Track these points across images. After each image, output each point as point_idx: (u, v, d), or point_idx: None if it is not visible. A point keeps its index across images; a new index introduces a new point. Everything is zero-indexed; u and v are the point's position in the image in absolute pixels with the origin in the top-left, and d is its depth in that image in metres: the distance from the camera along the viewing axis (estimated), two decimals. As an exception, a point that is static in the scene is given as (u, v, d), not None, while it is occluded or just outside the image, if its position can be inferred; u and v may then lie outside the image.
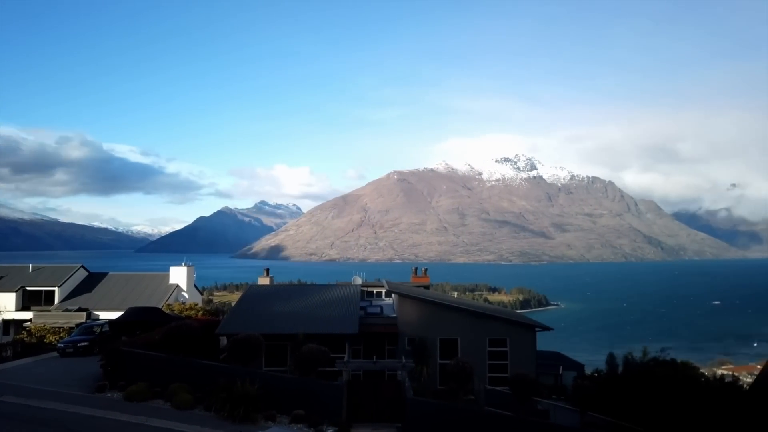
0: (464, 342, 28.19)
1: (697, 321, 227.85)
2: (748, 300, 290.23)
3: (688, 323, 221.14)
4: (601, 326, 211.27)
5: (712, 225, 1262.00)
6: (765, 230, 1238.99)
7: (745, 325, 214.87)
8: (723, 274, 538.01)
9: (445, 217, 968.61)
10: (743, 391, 33.46)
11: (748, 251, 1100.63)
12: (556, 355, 51.93)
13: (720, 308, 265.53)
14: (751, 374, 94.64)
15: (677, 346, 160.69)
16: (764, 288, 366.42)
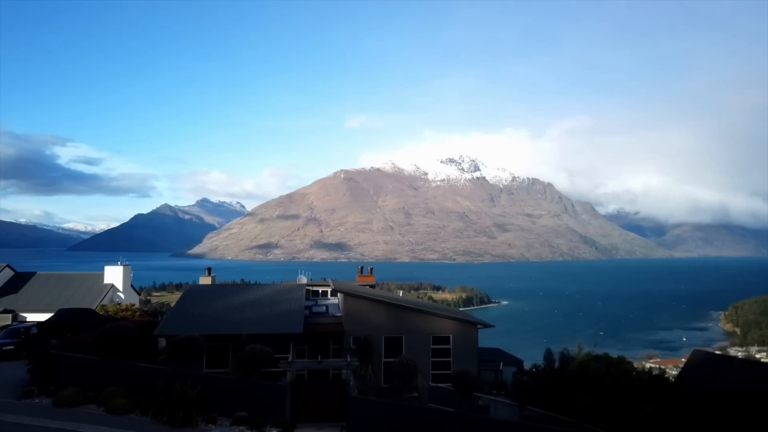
0: (409, 340, 28.51)
1: (629, 317, 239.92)
2: (675, 297, 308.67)
3: (621, 319, 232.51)
4: (540, 322, 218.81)
5: (642, 226, 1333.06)
6: (689, 231, 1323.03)
7: (669, 321, 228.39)
8: (651, 272, 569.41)
9: (391, 217, 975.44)
10: (669, 382, 35.58)
11: (674, 251, 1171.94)
12: (497, 351, 53.33)
13: (649, 305, 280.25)
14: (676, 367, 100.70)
15: (611, 341, 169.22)
16: (689, 286, 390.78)
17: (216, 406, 18.74)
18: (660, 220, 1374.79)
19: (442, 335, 29.02)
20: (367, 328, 28.11)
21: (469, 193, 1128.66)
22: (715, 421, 25.46)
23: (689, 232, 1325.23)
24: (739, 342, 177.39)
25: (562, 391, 32.00)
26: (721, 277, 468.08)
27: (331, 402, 20.14)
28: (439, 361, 28.59)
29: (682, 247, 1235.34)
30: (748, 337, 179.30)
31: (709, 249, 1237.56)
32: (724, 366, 35.22)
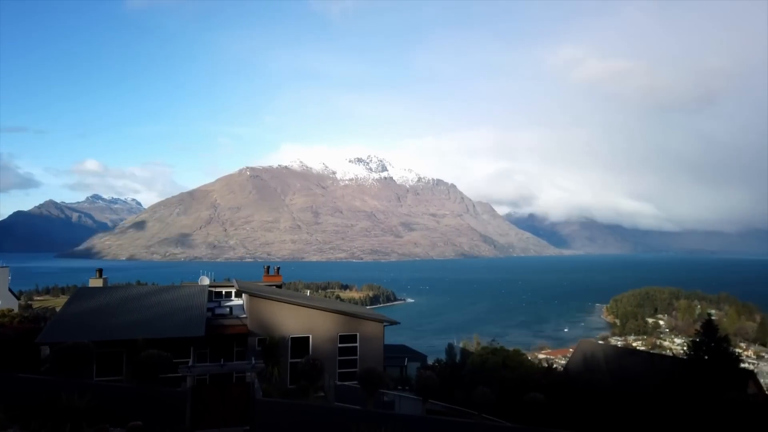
0: (316, 339, 28.40)
1: (524, 311, 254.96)
2: (564, 291, 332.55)
3: (516, 313, 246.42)
4: (443, 318, 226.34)
5: (536, 226, 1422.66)
6: (576, 231, 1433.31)
7: (559, 314, 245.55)
8: (543, 268, 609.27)
9: (299, 215, 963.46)
10: (558, 371, 38.26)
11: (564, 249, 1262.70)
12: (403, 347, 54.50)
13: (541, 299, 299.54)
14: (565, 357, 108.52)
15: (507, 334, 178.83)
16: (576, 282, 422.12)
17: (108, 417, 17.54)
18: (551, 221, 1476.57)
19: (349, 334, 29.20)
20: (273, 328, 27.64)
21: (376, 192, 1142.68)
22: (598, 404, 27.82)
23: (576, 232, 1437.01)
24: (619, 332, 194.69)
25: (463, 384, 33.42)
26: (604, 273, 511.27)
27: (234, 406, 19.60)
28: (347, 359, 28.75)
29: (570, 245, 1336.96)
30: (626, 327, 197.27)
31: (594, 247, 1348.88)
32: (606, 354, 38.55)
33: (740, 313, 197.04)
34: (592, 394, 29.46)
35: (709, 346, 34.59)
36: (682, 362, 34.66)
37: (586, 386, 30.91)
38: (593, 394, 29.31)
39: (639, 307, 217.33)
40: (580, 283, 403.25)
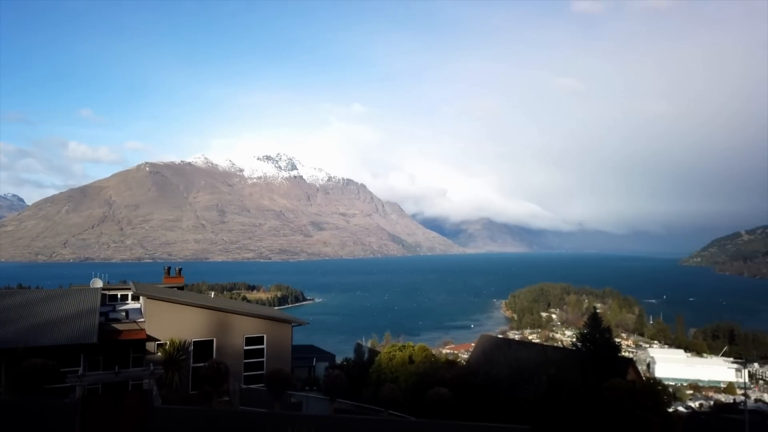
0: (220, 342, 27.49)
1: (430, 308, 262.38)
2: (467, 288, 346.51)
3: (424, 310, 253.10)
4: (352, 317, 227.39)
5: (442, 225, 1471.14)
6: (478, 230, 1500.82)
7: (463, 310, 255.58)
8: (449, 266, 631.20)
9: (204, 214, 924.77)
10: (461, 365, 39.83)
11: (467, 247, 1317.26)
12: (311, 348, 54.17)
13: (446, 296, 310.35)
14: (467, 351, 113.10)
15: (416, 331, 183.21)
16: (478, 279, 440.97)
17: (-18, 435, 15.91)
18: (456, 221, 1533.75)
19: (256, 336, 28.57)
20: (174, 332, 26.40)
21: (286, 191, 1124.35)
22: (497, 394, 29.34)
23: (478, 231, 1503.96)
24: (516, 326, 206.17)
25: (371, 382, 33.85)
26: (504, 270, 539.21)
27: (130, 415, 18.50)
28: (253, 362, 28.11)
29: (473, 244, 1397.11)
30: (523, 321, 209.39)
31: (494, 245, 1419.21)
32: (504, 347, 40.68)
33: (622, 306, 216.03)
34: (491, 385, 31.04)
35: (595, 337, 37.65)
36: (572, 352, 37.43)
37: (486, 378, 32.48)
38: (493, 386, 30.90)
39: (534, 302, 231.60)
40: (482, 280, 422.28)
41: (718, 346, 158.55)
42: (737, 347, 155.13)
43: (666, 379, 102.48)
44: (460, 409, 26.86)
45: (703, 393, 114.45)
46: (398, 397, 23.22)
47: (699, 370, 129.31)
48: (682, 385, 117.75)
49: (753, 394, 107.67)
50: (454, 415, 22.85)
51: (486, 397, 29.65)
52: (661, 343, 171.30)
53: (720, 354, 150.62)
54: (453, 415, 22.28)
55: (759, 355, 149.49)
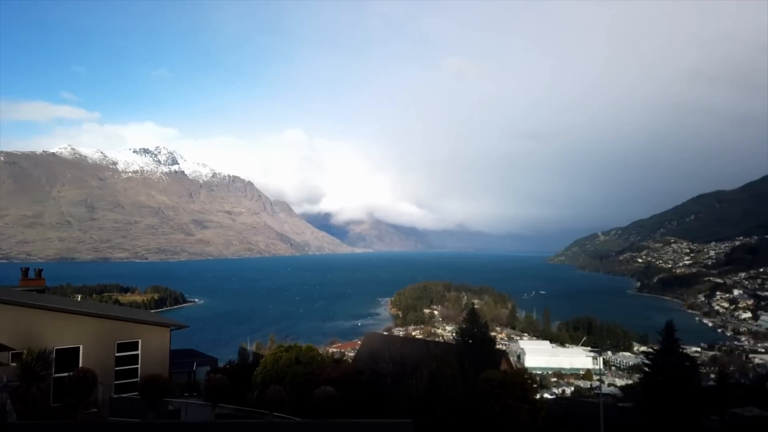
0: (88, 349, 25.31)
1: (320, 307, 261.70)
2: (355, 287, 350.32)
3: (311, 309, 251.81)
4: (237, 318, 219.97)
5: (330, 225, 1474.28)
6: (367, 230, 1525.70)
7: (351, 308, 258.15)
8: (337, 266, 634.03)
9: (70, 210, 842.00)
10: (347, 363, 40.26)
11: (356, 247, 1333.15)
12: (191, 351, 51.73)
13: (335, 295, 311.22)
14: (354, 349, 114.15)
15: (303, 331, 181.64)
16: (366, 277, 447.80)
17: None
18: (344, 220, 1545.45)
19: (129, 341, 26.71)
20: (33, 341, 23.84)
21: (165, 187, 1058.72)
22: (382, 390, 30.08)
23: (367, 231, 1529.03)
24: (401, 323, 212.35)
25: (256, 384, 33.08)
26: (391, 269, 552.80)
27: (-24, 435, 16.46)
28: (126, 369, 26.25)
29: (361, 243, 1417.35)
30: (407, 318, 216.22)
31: (382, 245, 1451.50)
32: (389, 344, 41.74)
33: (497, 302, 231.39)
34: (377, 381, 31.77)
35: (473, 331, 39.95)
36: (452, 347, 39.46)
37: (372, 375, 33.18)
38: (378, 382, 31.65)
39: (418, 299, 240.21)
40: (370, 279, 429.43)
41: (579, 336, 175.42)
42: (594, 337, 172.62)
43: (534, 368, 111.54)
44: (347, 406, 27.16)
45: (565, 380, 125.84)
46: (284, 398, 22.95)
47: (562, 359, 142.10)
48: (548, 373, 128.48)
49: (607, 380, 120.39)
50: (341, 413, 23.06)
51: (372, 393, 30.28)
52: (531, 336, 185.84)
53: (580, 344, 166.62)
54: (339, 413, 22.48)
55: (612, 344, 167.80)
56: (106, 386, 23.06)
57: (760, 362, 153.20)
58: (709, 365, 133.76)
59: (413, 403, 29.09)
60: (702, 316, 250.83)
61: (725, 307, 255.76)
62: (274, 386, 23.42)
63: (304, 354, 37.64)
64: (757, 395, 67.55)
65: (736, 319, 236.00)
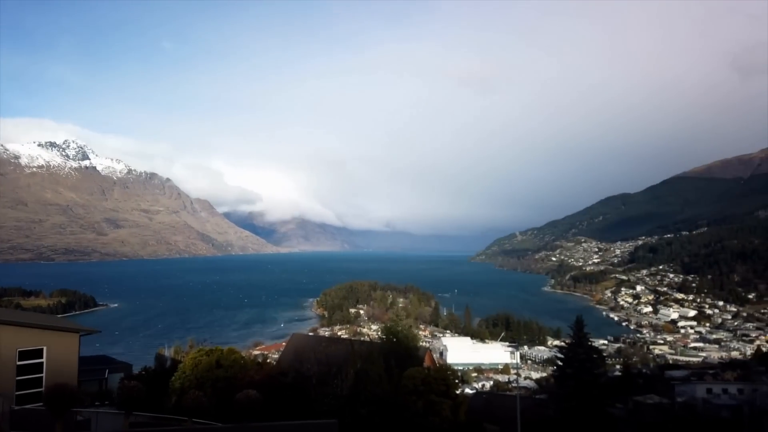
0: (-17, 359, 23.30)
1: (242, 309, 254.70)
2: (278, 288, 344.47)
3: (234, 312, 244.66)
4: (153, 322, 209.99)
5: (255, 224, 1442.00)
6: (293, 229, 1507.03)
7: (277, 310, 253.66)
8: (264, 266, 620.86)
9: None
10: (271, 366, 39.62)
11: (281, 246, 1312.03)
12: (103, 358, 48.92)
13: (257, 296, 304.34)
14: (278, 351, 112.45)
15: (225, 334, 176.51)
16: (293, 278, 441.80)
17: None
18: (270, 219, 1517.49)
19: (33, 348, 24.84)
20: None
21: (75, 183, 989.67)
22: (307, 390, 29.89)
23: (293, 231, 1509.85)
24: (327, 323, 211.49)
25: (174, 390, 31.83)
26: (316, 269, 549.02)
27: None
28: (29, 378, 24.39)
29: (287, 243, 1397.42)
30: (333, 318, 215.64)
31: (308, 245, 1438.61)
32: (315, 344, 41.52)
33: (421, 300, 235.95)
34: (302, 383, 31.54)
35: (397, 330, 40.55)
36: (377, 346, 39.85)
37: (296, 376, 32.89)
38: (303, 383, 31.42)
39: (344, 299, 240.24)
40: (296, 279, 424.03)
41: (498, 332, 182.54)
42: (512, 333, 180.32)
43: (456, 364, 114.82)
44: (271, 409, 26.78)
45: (485, 374, 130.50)
46: (204, 403, 22.26)
47: (482, 354, 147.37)
48: (469, 368, 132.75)
49: (523, 373, 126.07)
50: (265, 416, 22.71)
51: (296, 394, 30.02)
52: (453, 332, 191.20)
53: (499, 339, 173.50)
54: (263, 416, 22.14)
55: (528, 339, 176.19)
56: (5, 397, 21.36)
57: (660, 353, 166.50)
58: (615, 357, 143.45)
59: (338, 402, 29.16)
60: (609, 310, 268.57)
61: (629, 302, 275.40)
62: (194, 391, 22.70)
63: (226, 357, 36.68)
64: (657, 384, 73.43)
65: (638, 313, 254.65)
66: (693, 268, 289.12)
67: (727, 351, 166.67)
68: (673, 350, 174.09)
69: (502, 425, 38.10)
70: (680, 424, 36.62)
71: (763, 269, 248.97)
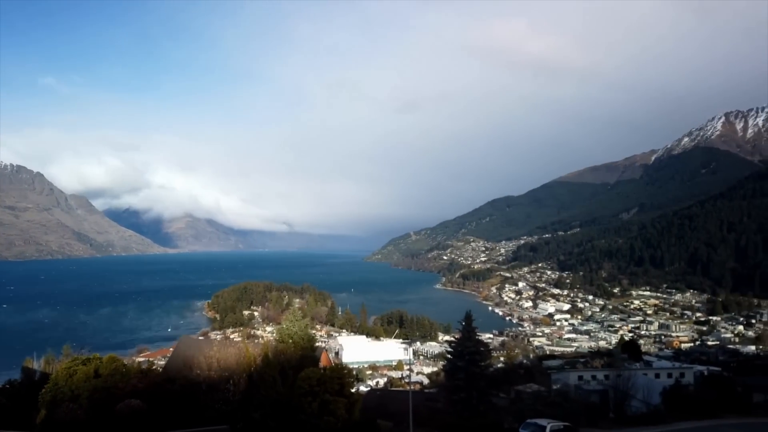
0: None
1: (125, 313, 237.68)
2: (167, 291, 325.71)
3: (117, 317, 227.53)
4: (22, 331, 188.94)
5: (140, 223, 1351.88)
6: (182, 229, 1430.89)
7: (164, 313, 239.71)
8: (147, 268, 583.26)
9: None
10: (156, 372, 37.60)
11: (169, 247, 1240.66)
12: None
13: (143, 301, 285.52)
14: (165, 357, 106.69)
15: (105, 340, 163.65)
16: (181, 280, 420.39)
17: None
18: (157, 218, 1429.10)
19: None
20: None
21: None
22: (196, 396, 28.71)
23: (182, 230, 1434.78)
24: (218, 326, 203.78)
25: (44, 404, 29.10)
26: (208, 270, 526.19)
27: None
28: None
29: (176, 243, 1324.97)
30: (226, 321, 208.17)
31: (199, 245, 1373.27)
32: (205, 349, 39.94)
33: (317, 300, 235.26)
34: (190, 389, 30.22)
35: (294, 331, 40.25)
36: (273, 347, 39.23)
37: (185, 383, 31.44)
38: (192, 390, 30.13)
39: (237, 301, 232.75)
40: (185, 280, 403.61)
41: (392, 329, 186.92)
42: (406, 329, 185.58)
43: (352, 362, 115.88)
44: (157, 418, 25.49)
45: (380, 371, 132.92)
46: (79, 416, 20.72)
47: (377, 352, 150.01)
48: (364, 366, 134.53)
49: (416, 369, 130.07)
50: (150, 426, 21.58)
51: (184, 402, 28.74)
52: (349, 331, 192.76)
53: (393, 336, 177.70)
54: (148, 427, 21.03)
55: (421, 335, 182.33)
56: None
57: (538, 344, 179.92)
58: (499, 349, 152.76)
59: (230, 408, 28.40)
60: (494, 306, 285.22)
61: (512, 298, 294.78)
62: (67, 404, 21.03)
63: (106, 366, 34.19)
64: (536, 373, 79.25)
65: (520, 307, 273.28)
66: (567, 266, 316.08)
67: (595, 341, 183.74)
68: (550, 341, 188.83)
69: (395, 420, 39.15)
70: (555, 409, 39.91)
71: (626, 266, 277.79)
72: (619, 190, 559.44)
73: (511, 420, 37.02)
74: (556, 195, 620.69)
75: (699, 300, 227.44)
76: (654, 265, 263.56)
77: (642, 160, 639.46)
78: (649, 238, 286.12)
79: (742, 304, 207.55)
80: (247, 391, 29.41)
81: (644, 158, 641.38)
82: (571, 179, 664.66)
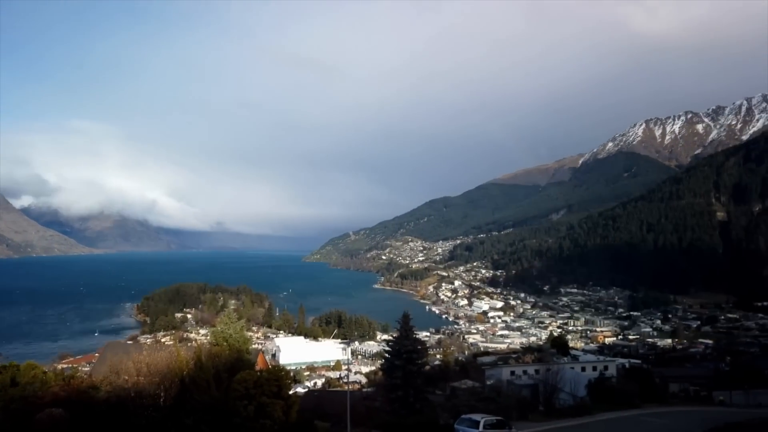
0: None
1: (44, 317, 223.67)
2: (91, 293, 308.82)
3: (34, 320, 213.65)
4: None
5: (62, 221, 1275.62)
6: (109, 228, 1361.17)
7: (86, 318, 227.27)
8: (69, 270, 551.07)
9: None
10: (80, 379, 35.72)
11: (95, 247, 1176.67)
12: None
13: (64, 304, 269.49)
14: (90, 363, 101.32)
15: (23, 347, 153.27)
16: (108, 282, 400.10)
17: None
18: (81, 216, 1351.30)
19: None
20: None
21: None
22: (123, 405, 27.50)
23: (109, 229, 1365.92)
24: (149, 329, 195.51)
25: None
26: (137, 271, 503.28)
27: None
28: None
29: (103, 243, 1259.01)
30: (157, 324, 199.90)
31: (128, 245, 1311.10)
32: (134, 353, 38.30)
33: (254, 302, 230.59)
34: (118, 396, 28.95)
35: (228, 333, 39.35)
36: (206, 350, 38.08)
37: (111, 390, 30.07)
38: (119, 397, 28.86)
39: (169, 303, 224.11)
40: (113, 283, 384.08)
41: (330, 330, 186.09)
42: (344, 329, 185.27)
43: (289, 364, 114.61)
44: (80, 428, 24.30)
45: (317, 372, 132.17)
46: None
47: (315, 352, 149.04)
48: (302, 367, 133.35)
49: (354, 368, 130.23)
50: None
51: (111, 410, 27.47)
52: (286, 332, 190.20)
53: (331, 336, 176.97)
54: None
55: (359, 334, 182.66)
56: None
57: (473, 341, 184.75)
58: (436, 347, 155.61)
59: (160, 414, 27.45)
60: (431, 304, 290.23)
61: (448, 296, 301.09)
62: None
63: (24, 374, 32.18)
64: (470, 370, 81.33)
65: (456, 306, 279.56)
66: (501, 264, 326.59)
67: (527, 337, 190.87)
68: (484, 338, 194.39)
69: (332, 421, 39.09)
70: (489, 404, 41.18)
71: (554, 264, 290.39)
72: (549, 192, 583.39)
73: (446, 416, 37.81)
74: (491, 196, 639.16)
75: (621, 296, 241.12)
76: (581, 263, 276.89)
77: (571, 163, 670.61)
78: (577, 237, 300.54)
79: (659, 300, 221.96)
80: (178, 396, 28.47)
81: (573, 162, 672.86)
82: (504, 181, 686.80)
